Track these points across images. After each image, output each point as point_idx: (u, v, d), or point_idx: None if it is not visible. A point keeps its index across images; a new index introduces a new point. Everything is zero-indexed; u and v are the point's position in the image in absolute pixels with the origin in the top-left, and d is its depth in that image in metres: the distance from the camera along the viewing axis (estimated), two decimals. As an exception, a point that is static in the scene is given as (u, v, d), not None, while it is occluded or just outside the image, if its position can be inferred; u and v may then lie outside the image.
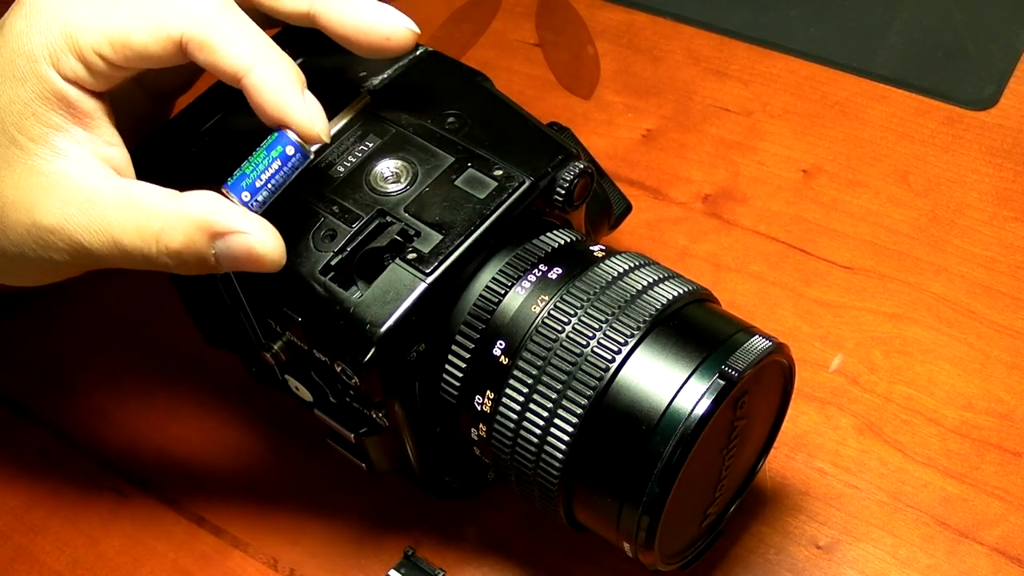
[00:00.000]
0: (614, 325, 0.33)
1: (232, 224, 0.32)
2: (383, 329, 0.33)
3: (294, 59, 0.33)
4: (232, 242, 0.32)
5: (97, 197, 0.32)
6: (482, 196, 0.36)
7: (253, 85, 0.32)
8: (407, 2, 0.64)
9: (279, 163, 0.33)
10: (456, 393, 0.36)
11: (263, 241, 0.32)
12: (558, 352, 0.33)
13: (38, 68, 0.32)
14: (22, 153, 0.32)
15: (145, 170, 0.35)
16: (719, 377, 0.32)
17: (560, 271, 0.35)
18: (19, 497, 0.45)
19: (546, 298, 0.34)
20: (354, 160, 0.37)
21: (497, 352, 0.34)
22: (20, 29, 0.32)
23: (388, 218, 0.35)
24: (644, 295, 0.34)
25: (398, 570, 0.40)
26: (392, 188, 0.36)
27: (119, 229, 0.32)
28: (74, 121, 0.33)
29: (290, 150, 0.33)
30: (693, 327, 0.34)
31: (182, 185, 0.33)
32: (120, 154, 0.34)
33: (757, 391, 0.34)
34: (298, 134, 0.33)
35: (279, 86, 0.32)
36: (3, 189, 0.33)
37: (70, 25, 0.32)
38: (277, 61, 0.32)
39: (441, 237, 0.35)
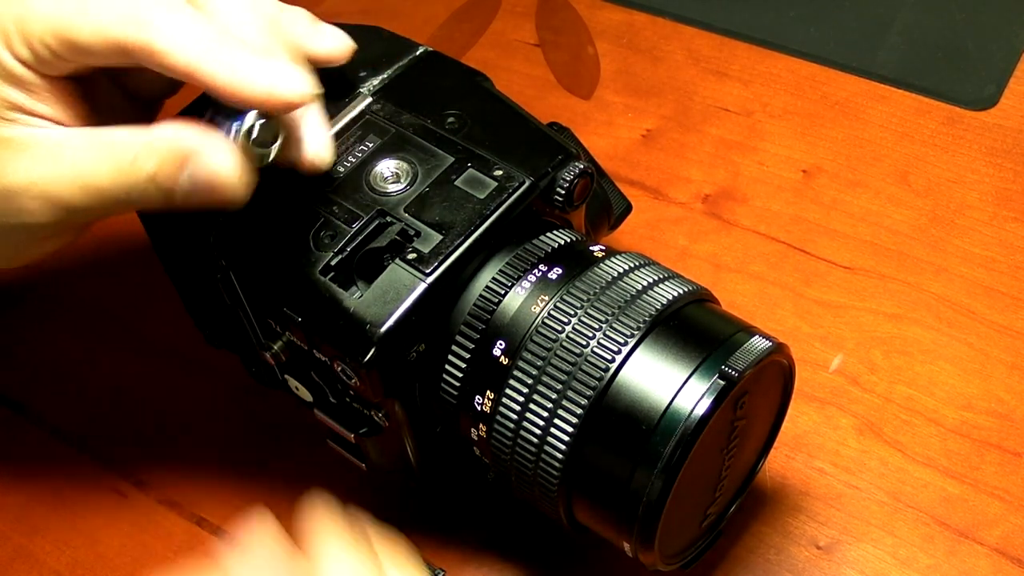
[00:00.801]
0: (614, 325, 0.33)
1: (199, 144, 0.32)
2: (383, 329, 0.33)
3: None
4: (198, 165, 0.32)
5: (66, 145, 0.32)
6: (482, 196, 0.36)
7: (206, 83, 0.32)
8: (406, 3, 0.64)
9: None
10: (456, 393, 0.36)
11: (225, 164, 0.32)
12: (558, 352, 0.33)
13: None
14: None
15: None
16: (719, 377, 0.32)
17: (560, 271, 0.35)
18: (19, 497, 0.45)
19: (546, 298, 0.34)
20: (354, 160, 0.37)
21: (497, 352, 0.34)
22: None
23: (388, 218, 0.35)
24: (644, 295, 0.34)
25: (398, 570, 0.40)
26: (392, 188, 0.36)
27: (93, 169, 0.32)
28: (34, 98, 0.33)
29: None
30: (693, 327, 0.34)
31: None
32: (88, 134, 0.34)
33: (757, 391, 0.34)
34: (269, 109, 0.32)
35: (231, 71, 0.31)
36: None
37: (23, 9, 0.32)
38: (226, 48, 0.32)
39: (441, 237, 0.35)
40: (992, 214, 0.49)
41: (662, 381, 0.32)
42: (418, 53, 0.40)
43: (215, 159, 0.32)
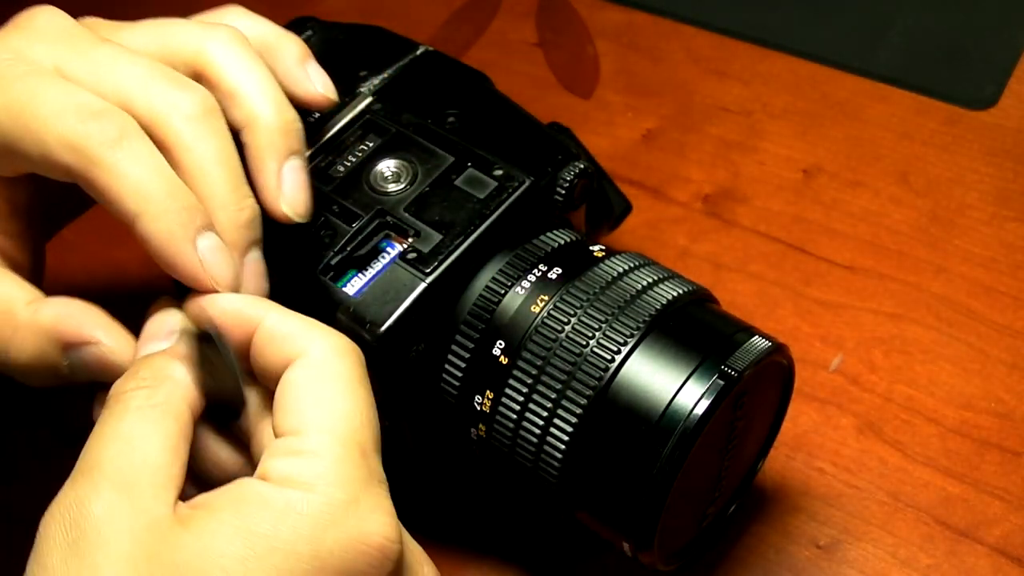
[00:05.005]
0: (614, 325, 0.33)
1: (85, 334, 0.30)
2: (383, 329, 0.33)
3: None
4: (84, 353, 0.30)
5: None
6: (482, 196, 0.36)
7: (139, 236, 0.29)
8: (406, 3, 0.64)
9: None
10: (456, 393, 0.36)
11: (116, 350, 0.30)
12: (558, 352, 0.33)
13: None
14: None
15: None
16: (719, 377, 0.32)
17: (560, 271, 0.35)
18: (19, 497, 0.45)
19: (546, 298, 0.34)
20: (354, 160, 0.37)
21: (497, 352, 0.34)
22: None
23: (388, 218, 0.35)
24: (644, 295, 0.34)
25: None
26: (392, 188, 0.36)
27: None
28: None
29: None
30: (692, 327, 0.34)
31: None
32: (12, 244, 0.32)
33: (757, 391, 0.34)
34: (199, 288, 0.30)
35: (164, 239, 0.29)
36: None
37: None
38: (168, 209, 0.29)
39: (441, 237, 0.35)
40: (992, 214, 0.49)
41: (661, 381, 0.32)
42: (418, 53, 0.40)
43: (105, 347, 0.30)
